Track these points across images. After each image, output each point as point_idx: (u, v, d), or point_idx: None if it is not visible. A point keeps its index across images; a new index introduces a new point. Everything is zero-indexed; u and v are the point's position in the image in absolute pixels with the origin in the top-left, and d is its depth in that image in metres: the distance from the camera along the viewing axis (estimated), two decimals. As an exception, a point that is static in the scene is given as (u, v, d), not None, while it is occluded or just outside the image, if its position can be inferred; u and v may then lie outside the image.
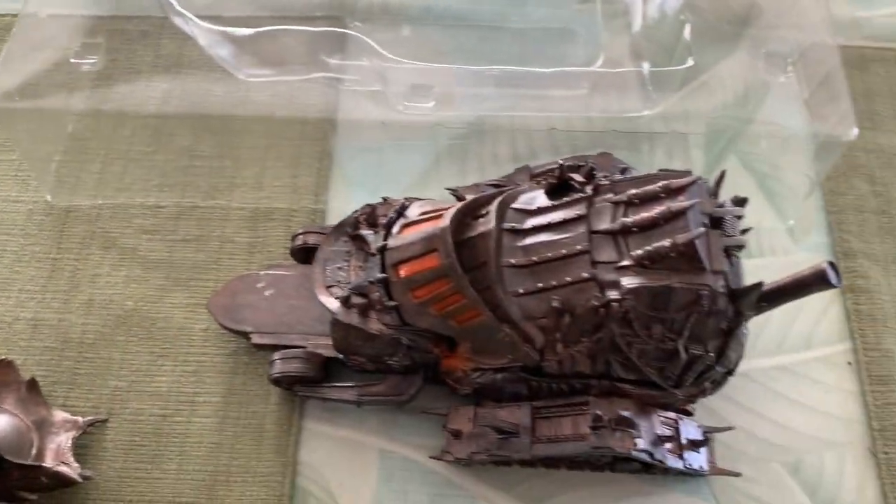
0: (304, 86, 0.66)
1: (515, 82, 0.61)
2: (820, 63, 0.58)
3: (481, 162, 0.65)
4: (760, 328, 0.57)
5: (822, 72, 0.57)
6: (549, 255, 0.46)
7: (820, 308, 0.58)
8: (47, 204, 0.63)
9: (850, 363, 0.56)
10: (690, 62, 0.55)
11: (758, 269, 0.48)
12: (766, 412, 0.54)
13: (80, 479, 0.49)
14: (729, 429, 0.52)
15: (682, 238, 0.42)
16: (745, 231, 0.48)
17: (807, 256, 0.60)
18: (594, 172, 0.48)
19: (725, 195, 0.63)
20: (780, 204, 0.62)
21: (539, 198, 0.49)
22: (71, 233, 0.62)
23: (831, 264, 0.46)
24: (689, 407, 0.51)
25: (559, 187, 0.48)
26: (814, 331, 0.57)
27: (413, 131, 0.65)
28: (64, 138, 0.65)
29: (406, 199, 0.53)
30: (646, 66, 0.58)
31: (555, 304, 0.44)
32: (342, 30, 0.62)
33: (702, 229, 0.42)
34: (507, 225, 0.47)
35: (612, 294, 0.44)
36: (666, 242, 0.43)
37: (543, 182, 0.50)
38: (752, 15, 0.66)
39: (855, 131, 0.53)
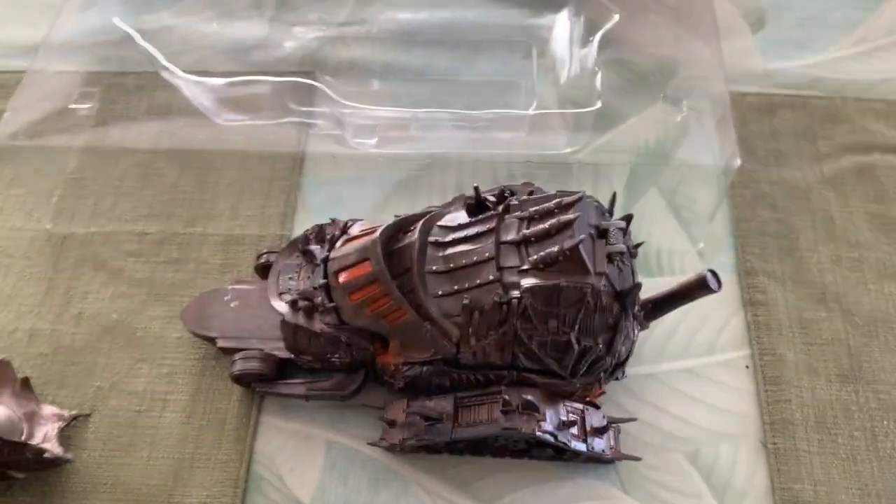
0: (274, 129, 0.75)
1: (460, 124, 0.70)
2: (719, 107, 0.66)
3: (430, 193, 0.73)
4: (668, 336, 0.64)
5: (720, 114, 0.66)
6: (464, 261, 0.54)
7: (723, 319, 0.65)
8: (47, 231, 0.72)
9: (747, 367, 0.63)
10: (598, 104, 0.64)
11: (671, 286, 0.55)
12: (671, 408, 0.61)
13: (61, 456, 0.57)
14: (632, 419, 0.59)
15: (568, 244, 0.50)
16: (637, 245, 0.57)
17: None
18: (505, 194, 0.56)
19: (645, 223, 0.71)
20: (691, 229, 0.70)
21: (461, 216, 0.57)
22: (66, 256, 0.70)
23: (712, 272, 0.54)
24: (598, 401, 0.58)
25: (477, 207, 0.57)
26: (717, 339, 0.65)
27: (370, 167, 0.74)
28: (64, 175, 0.75)
29: (350, 220, 0.61)
30: (566, 110, 0.67)
31: (465, 301, 0.52)
32: (308, 81, 0.71)
33: (583, 236, 0.50)
34: (431, 238, 0.56)
35: (514, 293, 0.51)
36: (556, 248, 0.50)
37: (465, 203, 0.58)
38: (666, 71, 0.75)
39: (738, 161, 0.61)
